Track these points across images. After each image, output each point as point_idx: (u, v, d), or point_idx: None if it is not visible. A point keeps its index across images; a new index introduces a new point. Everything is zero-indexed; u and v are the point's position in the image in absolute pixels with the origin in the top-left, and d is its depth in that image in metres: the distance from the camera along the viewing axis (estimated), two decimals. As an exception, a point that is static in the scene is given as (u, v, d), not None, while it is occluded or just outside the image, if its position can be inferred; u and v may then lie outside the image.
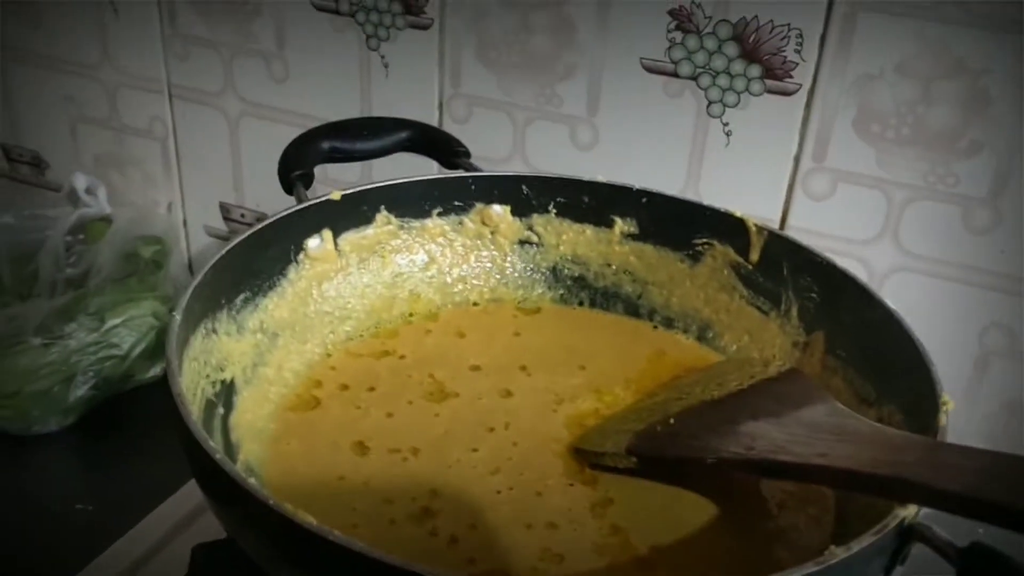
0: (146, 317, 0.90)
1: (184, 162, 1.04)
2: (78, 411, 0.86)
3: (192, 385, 0.50)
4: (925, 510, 0.41)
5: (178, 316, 0.49)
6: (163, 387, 0.89)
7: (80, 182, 1.05)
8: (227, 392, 0.54)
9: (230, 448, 0.52)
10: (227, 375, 0.55)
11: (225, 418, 0.53)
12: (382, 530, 0.49)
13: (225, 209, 1.04)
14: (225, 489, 0.41)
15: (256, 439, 0.54)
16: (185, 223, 1.07)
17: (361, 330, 0.66)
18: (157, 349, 0.90)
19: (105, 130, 1.06)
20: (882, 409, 0.54)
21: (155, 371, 0.91)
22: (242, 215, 1.03)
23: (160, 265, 0.97)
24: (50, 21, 1.03)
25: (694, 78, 0.76)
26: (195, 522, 0.67)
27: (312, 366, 0.61)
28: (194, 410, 0.45)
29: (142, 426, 0.88)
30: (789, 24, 0.72)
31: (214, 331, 0.55)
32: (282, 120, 0.95)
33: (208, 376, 0.53)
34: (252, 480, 0.40)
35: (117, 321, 0.88)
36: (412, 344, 0.65)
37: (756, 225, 0.64)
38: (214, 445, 0.41)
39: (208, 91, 0.98)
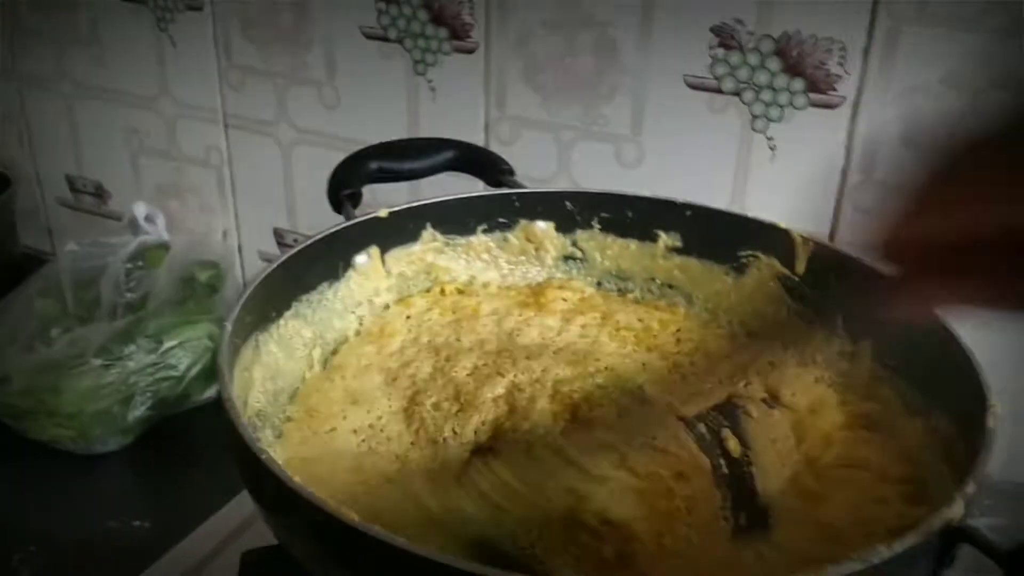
0: (202, 339, 0.92)
1: (239, 189, 1.07)
2: (136, 431, 0.88)
3: (243, 394, 0.51)
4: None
5: (229, 326, 0.51)
6: (216, 407, 0.91)
7: (140, 211, 1.09)
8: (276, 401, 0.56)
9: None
10: (278, 385, 0.56)
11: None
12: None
13: (279, 235, 1.06)
14: (272, 490, 0.41)
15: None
16: (240, 249, 1.10)
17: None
18: (212, 371, 0.92)
19: (164, 160, 1.10)
20: (931, 417, 0.53)
21: (210, 392, 0.93)
22: (295, 240, 1.05)
23: (216, 289, 0.99)
24: (112, 56, 1.07)
25: (737, 93, 0.77)
26: (244, 534, 0.68)
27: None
28: (244, 416, 0.46)
29: (198, 446, 0.90)
30: (832, 38, 0.72)
31: (264, 343, 0.56)
32: (333, 146, 0.97)
33: (257, 386, 0.54)
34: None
35: (174, 343, 0.91)
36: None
37: (801, 236, 0.63)
38: (262, 447, 0.42)
39: (262, 120, 1.00)
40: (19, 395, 0.87)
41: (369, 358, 0.62)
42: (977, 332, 0.53)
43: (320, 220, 1.01)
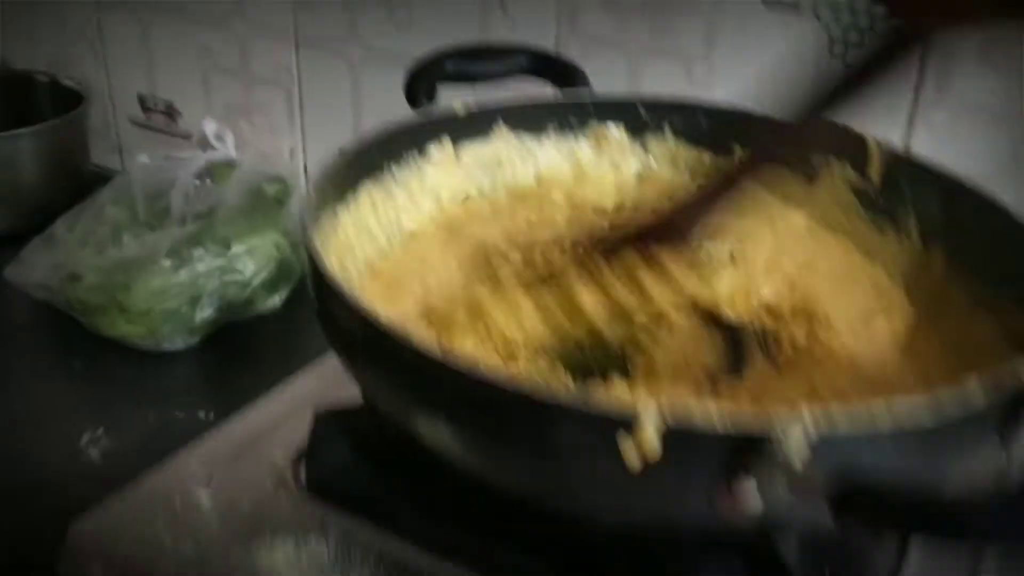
0: (268, 248, 0.94)
1: (307, 109, 1.08)
2: (203, 332, 0.90)
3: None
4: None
5: (313, 192, 0.52)
6: (281, 316, 0.93)
7: (210, 128, 1.11)
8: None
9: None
10: (351, 257, 0.58)
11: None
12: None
13: (344, 155, 1.08)
14: (360, 330, 0.42)
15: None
16: (306, 169, 1.12)
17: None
18: (277, 280, 0.95)
19: (235, 79, 1.12)
20: (1000, 308, 0.53)
21: (274, 301, 0.95)
22: (360, 160, 1.06)
23: (282, 202, 1.01)
24: (188, -27, 1.09)
25: (816, 15, 0.76)
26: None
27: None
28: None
29: (262, 351, 0.92)
30: (915, -45, 0.71)
31: (341, 216, 0.58)
32: (402, 66, 0.98)
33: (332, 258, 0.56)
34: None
35: (241, 249, 0.93)
36: None
37: (876, 142, 0.63)
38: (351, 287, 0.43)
39: (333, 39, 1.02)
40: (91, 291, 0.90)
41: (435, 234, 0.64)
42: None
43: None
